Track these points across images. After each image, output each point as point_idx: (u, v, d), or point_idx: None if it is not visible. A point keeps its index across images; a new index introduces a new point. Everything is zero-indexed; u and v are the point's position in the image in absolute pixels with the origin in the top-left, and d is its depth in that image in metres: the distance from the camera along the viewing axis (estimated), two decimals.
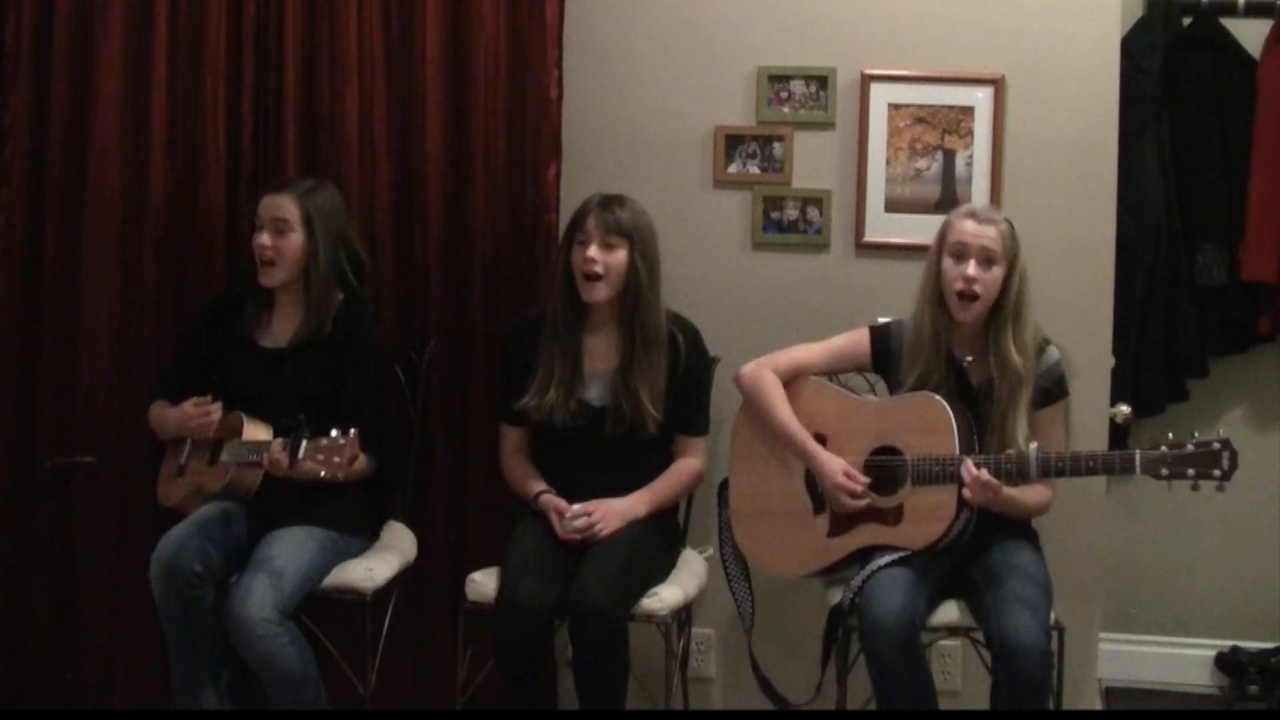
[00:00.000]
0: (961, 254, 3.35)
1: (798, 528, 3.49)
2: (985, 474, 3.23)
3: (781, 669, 3.71)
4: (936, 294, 3.40)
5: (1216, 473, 3.16)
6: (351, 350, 3.61)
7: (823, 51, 3.91)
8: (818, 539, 3.46)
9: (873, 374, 3.60)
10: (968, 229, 3.35)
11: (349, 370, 3.59)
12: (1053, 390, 3.42)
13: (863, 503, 3.37)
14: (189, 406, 3.57)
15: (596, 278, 3.53)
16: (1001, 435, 3.33)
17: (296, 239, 3.59)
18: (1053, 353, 3.43)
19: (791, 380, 3.52)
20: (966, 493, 3.25)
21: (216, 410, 3.55)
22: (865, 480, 3.38)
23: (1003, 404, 3.34)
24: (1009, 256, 3.35)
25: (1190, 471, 3.17)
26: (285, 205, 3.59)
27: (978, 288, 3.33)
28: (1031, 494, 3.36)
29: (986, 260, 3.34)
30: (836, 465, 3.40)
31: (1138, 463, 3.19)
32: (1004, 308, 3.36)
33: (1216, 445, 3.17)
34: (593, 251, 3.52)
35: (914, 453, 3.35)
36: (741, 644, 3.68)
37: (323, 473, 3.30)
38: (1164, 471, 3.18)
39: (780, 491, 3.51)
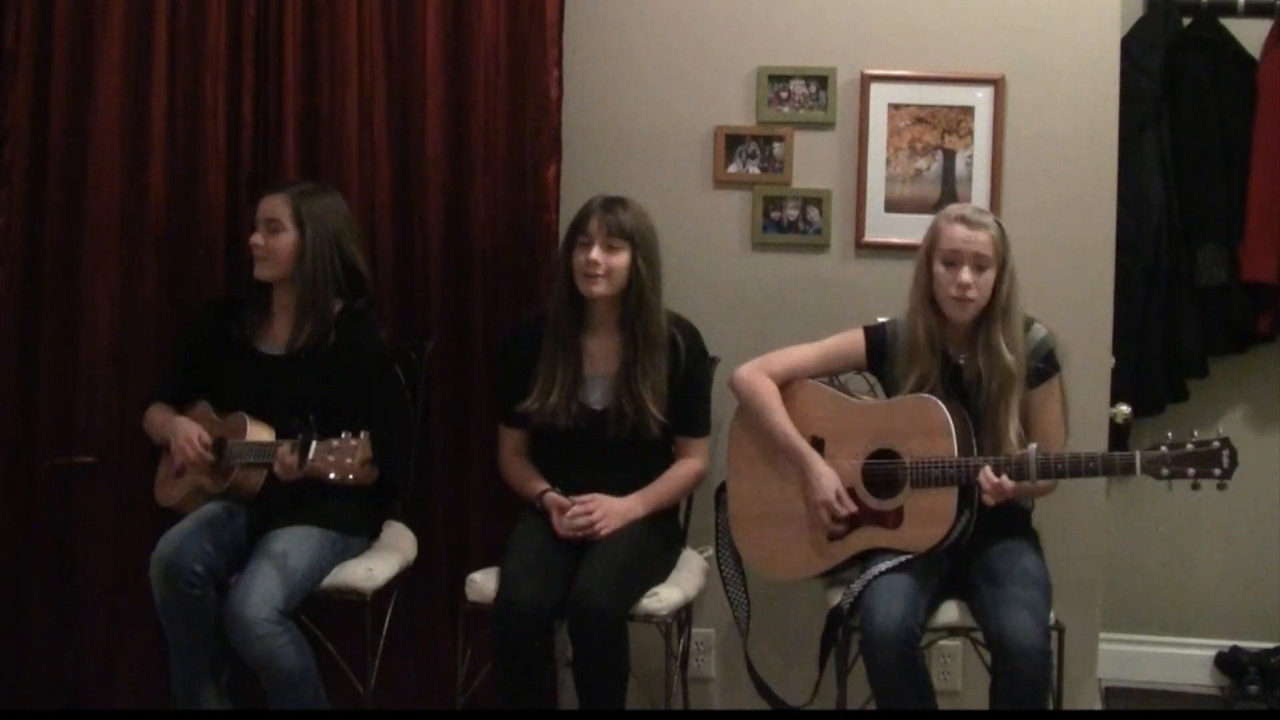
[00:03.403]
0: (954, 261, 3.34)
1: (797, 531, 3.48)
2: (1005, 480, 3.23)
3: (779, 672, 3.71)
4: (929, 296, 3.39)
5: (1217, 471, 3.16)
6: (357, 360, 3.61)
7: (823, 51, 3.91)
8: (817, 542, 3.46)
9: (871, 374, 3.60)
10: (959, 235, 3.34)
11: (355, 380, 3.59)
12: (1043, 368, 3.41)
13: (839, 523, 3.38)
14: (195, 438, 3.54)
15: (598, 277, 3.53)
16: (993, 432, 3.34)
17: (287, 238, 3.60)
18: (1038, 330, 3.43)
19: (787, 383, 3.51)
20: (986, 498, 3.25)
21: (207, 460, 3.53)
22: (853, 509, 3.38)
23: (992, 400, 3.35)
24: (1000, 258, 3.35)
25: (1191, 471, 3.17)
26: (277, 205, 3.61)
27: (972, 293, 3.33)
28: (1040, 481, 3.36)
29: (979, 266, 3.33)
30: (830, 483, 3.39)
31: (1138, 463, 3.19)
32: (995, 307, 3.36)
33: (1216, 444, 3.16)
34: (595, 254, 3.52)
35: (912, 455, 3.34)
36: (741, 645, 3.68)
37: (332, 474, 3.29)
38: (1164, 471, 3.18)
39: (779, 495, 3.51)
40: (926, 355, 3.39)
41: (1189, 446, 3.17)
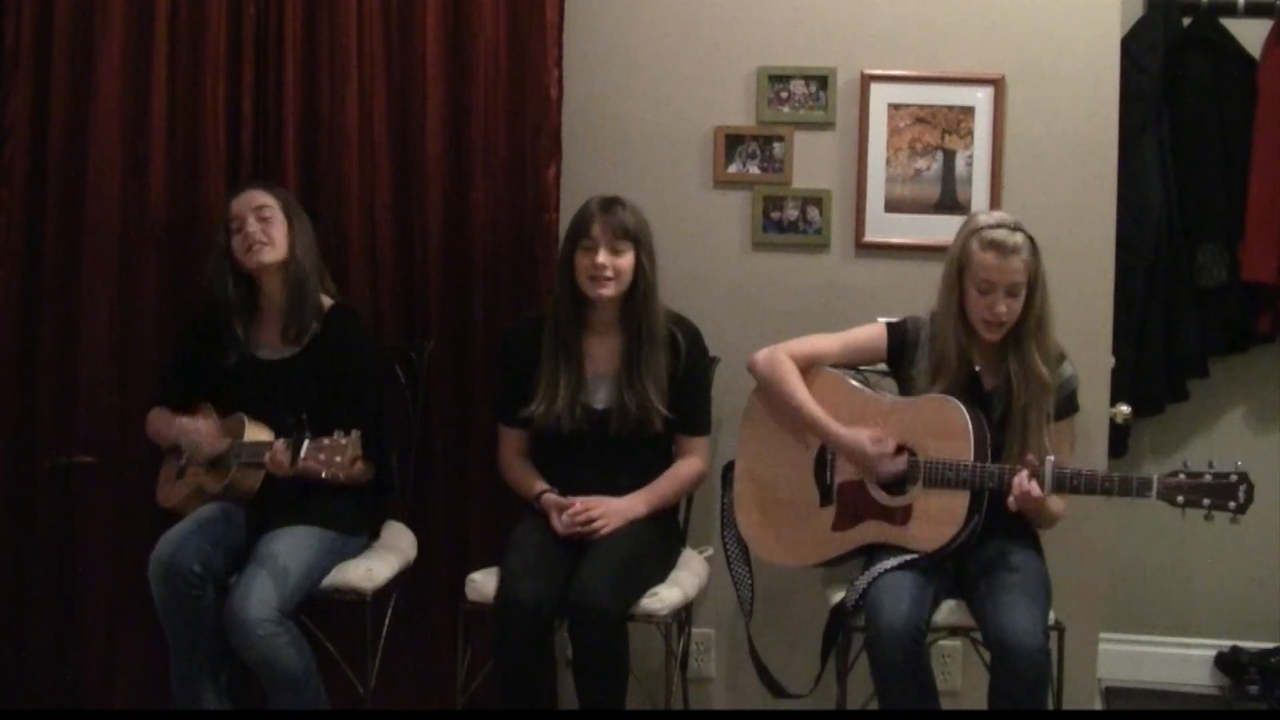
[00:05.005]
0: (989, 290, 3.30)
1: (802, 518, 3.48)
2: (1035, 486, 3.21)
3: (782, 662, 3.71)
4: (960, 314, 3.36)
5: (1232, 505, 3.15)
6: (346, 355, 3.62)
7: (823, 51, 3.91)
8: (822, 532, 3.46)
9: (871, 368, 3.60)
10: (992, 264, 3.29)
11: (345, 376, 3.60)
12: (1065, 406, 3.41)
13: (903, 464, 3.35)
14: (206, 444, 3.56)
15: (607, 280, 3.53)
16: (1023, 440, 3.32)
17: (282, 224, 3.61)
18: (1068, 368, 3.42)
19: (806, 370, 3.50)
20: (1011, 502, 3.23)
21: (222, 445, 3.55)
22: (893, 442, 3.36)
23: (1023, 409, 3.33)
24: (1033, 277, 3.33)
25: (1206, 501, 3.16)
26: (259, 195, 3.62)
27: (1005, 318, 3.32)
28: (1055, 503, 3.35)
29: (1013, 293, 3.31)
30: (863, 436, 3.37)
31: (1155, 487, 3.17)
32: (1028, 321, 3.34)
33: (1234, 478, 3.15)
34: (602, 257, 3.52)
35: (927, 455, 3.34)
36: (742, 644, 3.68)
37: (324, 473, 3.30)
38: (1180, 499, 3.16)
39: (787, 480, 3.50)
40: (954, 368, 3.38)
41: (1207, 477, 3.16)
